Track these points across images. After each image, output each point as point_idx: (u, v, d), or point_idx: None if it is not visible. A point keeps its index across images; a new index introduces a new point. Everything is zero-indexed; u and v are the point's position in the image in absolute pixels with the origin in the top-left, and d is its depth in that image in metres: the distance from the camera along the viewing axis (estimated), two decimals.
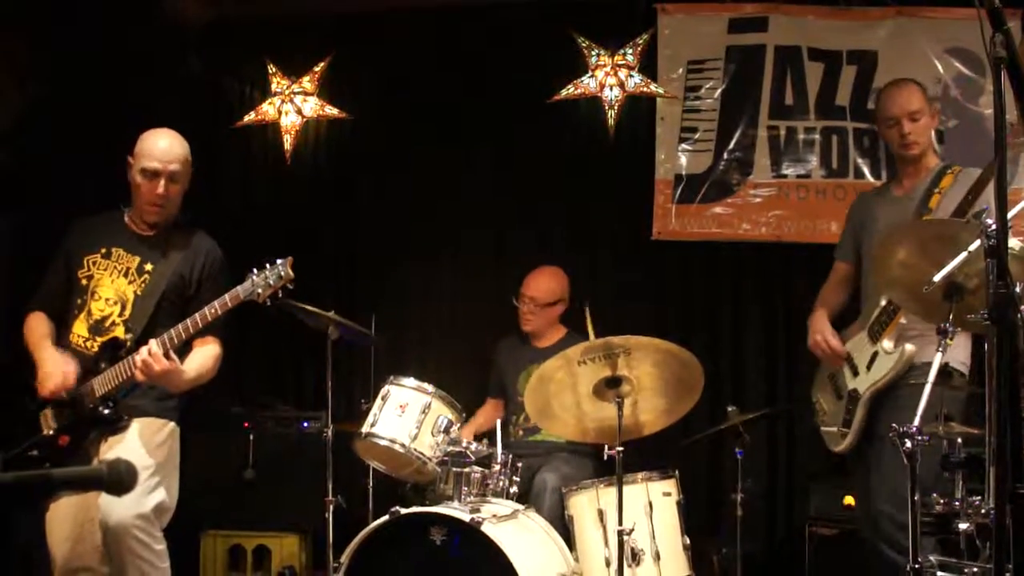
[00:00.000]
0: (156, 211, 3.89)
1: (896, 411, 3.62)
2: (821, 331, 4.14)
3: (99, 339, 3.82)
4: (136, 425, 3.77)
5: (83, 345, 3.84)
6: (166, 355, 3.58)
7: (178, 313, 3.82)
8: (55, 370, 3.74)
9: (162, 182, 3.84)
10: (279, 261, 3.65)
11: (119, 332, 3.82)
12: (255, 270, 3.65)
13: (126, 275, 3.88)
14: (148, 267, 3.88)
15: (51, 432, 3.74)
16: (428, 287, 6.02)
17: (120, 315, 3.83)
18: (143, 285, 3.87)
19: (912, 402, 3.04)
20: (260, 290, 3.62)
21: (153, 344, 3.60)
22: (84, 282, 3.88)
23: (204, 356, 3.86)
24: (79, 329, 3.86)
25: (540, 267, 5.31)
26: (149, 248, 3.93)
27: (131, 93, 5.81)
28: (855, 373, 3.96)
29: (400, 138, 6.02)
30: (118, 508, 3.55)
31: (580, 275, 5.76)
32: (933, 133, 4.15)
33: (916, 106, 4.00)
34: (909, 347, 3.76)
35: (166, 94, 5.91)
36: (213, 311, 3.64)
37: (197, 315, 3.64)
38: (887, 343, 3.83)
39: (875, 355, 3.85)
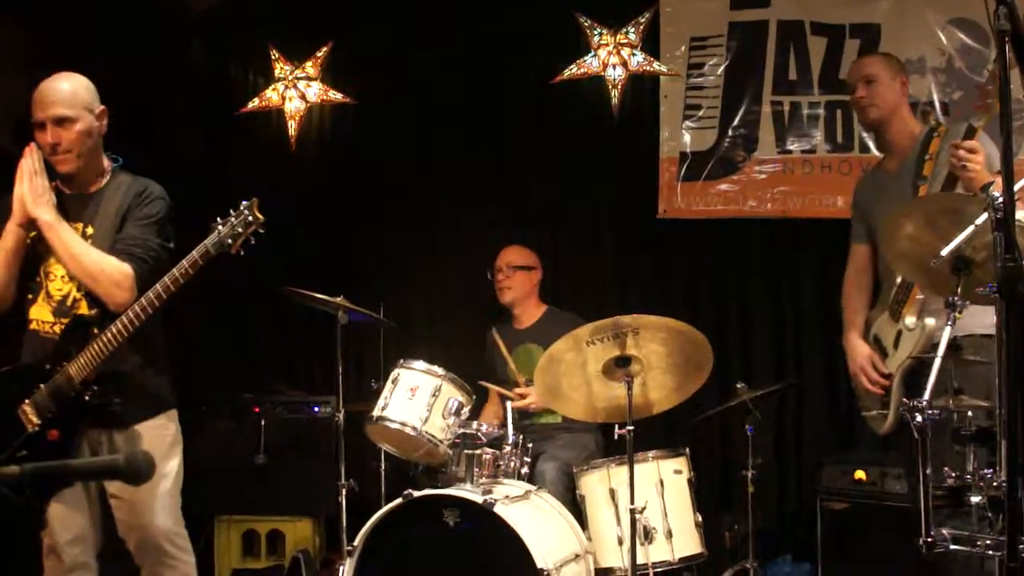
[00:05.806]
0: (61, 162, 3.53)
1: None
2: (857, 359, 3.97)
3: (64, 320, 3.53)
4: (143, 432, 3.56)
5: (49, 330, 3.56)
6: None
7: None
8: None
9: (48, 130, 3.47)
10: (244, 204, 3.37)
11: (83, 308, 3.54)
12: (219, 219, 3.37)
13: None
14: (90, 231, 3.56)
15: (36, 428, 3.46)
16: (434, 269, 6.01)
17: (80, 289, 3.53)
18: None
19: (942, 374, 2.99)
20: (230, 240, 3.35)
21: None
22: (35, 263, 3.58)
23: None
24: (40, 314, 3.58)
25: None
26: (85, 209, 3.59)
27: (134, 81, 5.82)
28: (884, 354, 3.86)
29: (403, 121, 6.02)
30: (156, 523, 3.54)
31: (587, 255, 5.78)
32: (906, 104, 4.05)
33: (868, 71, 3.99)
34: (930, 321, 3.66)
35: (169, 81, 5.92)
36: (183, 271, 3.33)
37: (167, 278, 3.34)
38: (909, 319, 3.73)
39: (899, 334, 3.76)
